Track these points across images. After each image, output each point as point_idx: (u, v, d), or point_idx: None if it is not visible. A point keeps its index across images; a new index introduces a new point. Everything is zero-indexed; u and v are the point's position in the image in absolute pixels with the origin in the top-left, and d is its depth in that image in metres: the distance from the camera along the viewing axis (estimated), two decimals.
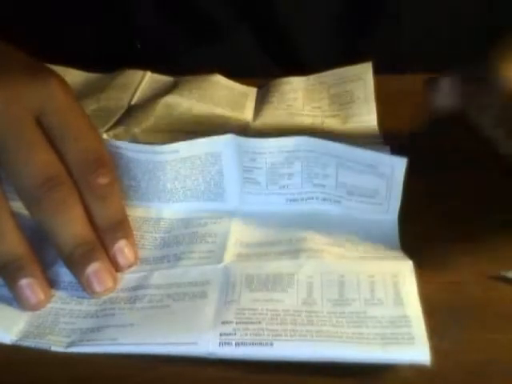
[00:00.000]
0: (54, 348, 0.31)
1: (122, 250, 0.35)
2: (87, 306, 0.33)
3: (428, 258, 0.33)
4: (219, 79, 0.50)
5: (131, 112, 0.46)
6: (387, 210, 0.36)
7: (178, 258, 0.35)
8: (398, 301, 0.31)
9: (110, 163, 0.36)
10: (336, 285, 0.32)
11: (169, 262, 0.35)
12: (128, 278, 0.35)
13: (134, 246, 0.36)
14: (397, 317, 0.30)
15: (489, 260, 0.34)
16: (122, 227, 0.36)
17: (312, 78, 0.50)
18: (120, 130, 0.43)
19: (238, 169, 0.38)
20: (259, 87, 0.50)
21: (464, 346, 0.30)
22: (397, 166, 0.35)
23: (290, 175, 0.38)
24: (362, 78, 0.48)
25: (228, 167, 0.38)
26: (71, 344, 0.31)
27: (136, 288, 0.34)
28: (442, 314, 0.31)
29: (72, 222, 0.34)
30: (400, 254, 0.34)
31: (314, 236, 0.36)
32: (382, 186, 0.36)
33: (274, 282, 0.33)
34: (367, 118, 0.45)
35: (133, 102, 0.48)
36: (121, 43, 0.52)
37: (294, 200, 0.38)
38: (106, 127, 0.44)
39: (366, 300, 0.31)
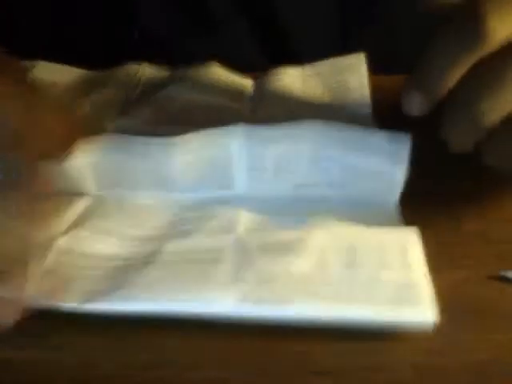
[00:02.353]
0: (68, 304, 0.31)
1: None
2: (99, 271, 0.33)
3: (427, 259, 0.33)
4: (216, 70, 0.50)
5: (132, 104, 0.47)
6: (391, 191, 0.37)
7: (189, 232, 0.36)
8: (406, 266, 0.32)
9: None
10: (346, 250, 0.33)
11: (180, 236, 0.36)
12: (138, 249, 0.35)
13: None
14: (404, 280, 0.31)
15: (489, 260, 0.34)
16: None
17: (307, 68, 0.50)
18: (123, 121, 0.44)
19: (247, 158, 0.38)
20: (255, 78, 0.51)
21: (464, 346, 0.30)
22: (402, 146, 0.36)
23: (298, 161, 0.38)
24: (355, 67, 0.49)
25: (237, 157, 0.38)
26: (85, 301, 0.31)
27: (147, 256, 0.34)
28: (442, 314, 0.31)
29: None
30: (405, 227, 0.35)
31: (322, 217, 0.36)
32: (386, 167, 0.36)
33: (287, 248, 0.33)
34: (362, 106, 0.46)
35: (134, 96, 0.48)
36: (119, 34, 0.52)
37: (302, 185, 0.38)
38: (109, 119, 0.44)
39: (376, 264, 0.32)
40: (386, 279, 0.31)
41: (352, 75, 0.49)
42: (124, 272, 0.33)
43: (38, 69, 0.50)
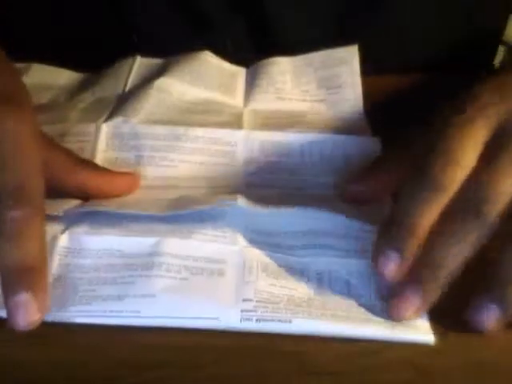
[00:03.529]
0: (78, 320, 0.31)
1: (21, 305, 0.29)
2: (104, 272, 0.34)
3: None
4: (208, 57, 0.50)
5: (126, 99, 0.46)
6: None
7: (190, 231, 0.35)
8: None
9: (34, 198, 0.32)
10: (343, 282, 0.33)
11: (181, 233, 0.35)
12: (139, 241, 0.35)
13: (40, 300, 0.30)
14: None
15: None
16: (28, 276, 0.30)
17: (299, 58, 0.50)
18: (118, 120, 0.43)
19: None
20: (247, 67, 0.51)
21: (464, 346, 0.30)
22: None
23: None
24: (348, 61, 0.49)
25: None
26: (93, 313, 0.31)
27: (151, 254, 0.34)
28: (442, 313, 0.31)
29: None
30: None
31: (322, 229, 0.36)
32: None
33: (287, 274, 0.34)
34: (354, 103, 0.46)
35: (127, 89, 0.48)
36: (118, 38, 0.52)
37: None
38: (104, 117, 0.44)
39: (373, 294, 0.33)
40: (383, 306, 0.32)
41: (344, 70, 0.48)
42: (129, 276, 0.33)
43: (32, 71, 0.50)
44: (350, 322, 0.31)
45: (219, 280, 0.33)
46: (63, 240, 0.35)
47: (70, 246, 0.35)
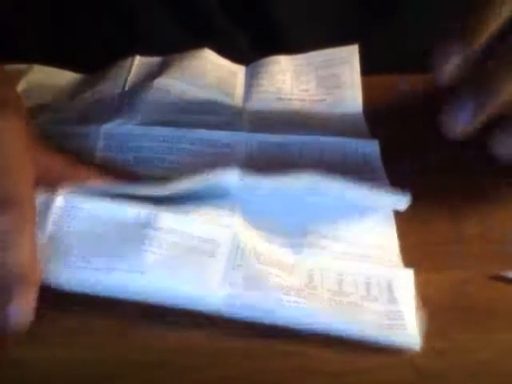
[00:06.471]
0: (71, 288, 0.32)
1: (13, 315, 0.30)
2: (98, 241, 0.34)
3: (428, 259, 0.33)
4: (208, 55, 0.49)
5: (125, 100, 0.46)
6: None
7: (188, 211, 0.36)
8: (392, 299, 0.32)
9: (21, 205, 0.32)
10: (335, 280, 0.33)
11: (179, 209, 0.35)
12: (136, 212, 0.35)
13: (28, 307, 0.30)
14: (390, 311, 0.32)
15: (489, 260, 0.34)
16: (19, 285, 0.31)
17: (300, 57, 0.50)
18: (117, 121, 0.43)
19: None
20: (247, 65, 0.50)
21: (464, 346, 0.30)
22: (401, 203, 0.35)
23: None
24: (348, 61, 0.49)
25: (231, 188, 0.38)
26: (84, 283, 0.32)
27: (145, 226, 0.34)
28: (442, 313, 0.31)
29: None
30: (397, 257, 0.35)
31: (317, 228, 0.36)
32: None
33: (279, 265, 0.34)
34: (353, 103, 0.46)
35: (126, 89, 0.47)
36: (119, 45, 0.52)
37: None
38: (103, 119, 0.44)
39: (362, 296, 0.32)
40: (372, 309, 0.32)
41: (344, 70, 0.48)
42: (121, 250, 0.33)
43: (33, 72, 0.50)
44: (336, 319, 0.31)
45: (209, 261, 0.33)
46: (59, 200, 0.35)
47: (66, 205, 0.35)
